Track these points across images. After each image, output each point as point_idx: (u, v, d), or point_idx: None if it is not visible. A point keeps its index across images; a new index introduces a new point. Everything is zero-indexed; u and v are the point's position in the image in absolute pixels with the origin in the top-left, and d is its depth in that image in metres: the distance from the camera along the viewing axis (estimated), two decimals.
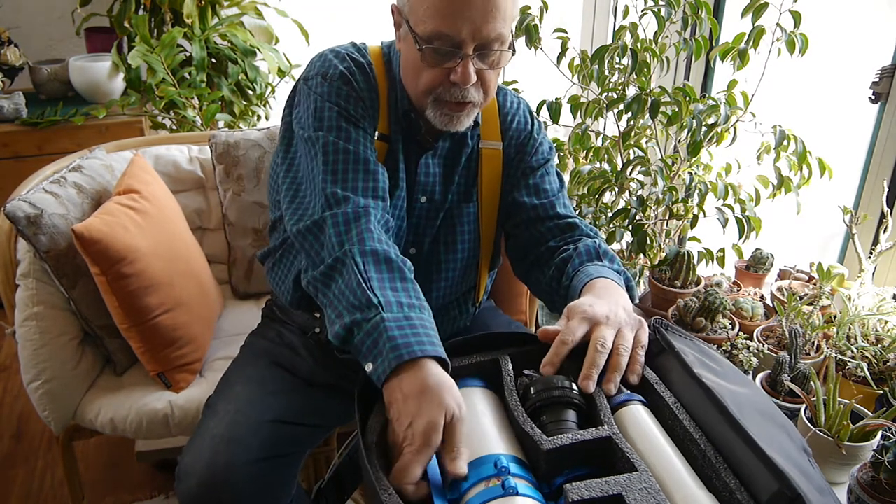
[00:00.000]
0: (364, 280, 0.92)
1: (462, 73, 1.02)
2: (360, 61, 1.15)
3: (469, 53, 1.02)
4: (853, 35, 1.94)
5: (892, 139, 1.70)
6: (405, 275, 0.96)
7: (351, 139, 1.08)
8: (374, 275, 0.93)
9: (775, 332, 1.58)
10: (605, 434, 0.80)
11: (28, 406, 1.64)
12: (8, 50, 2.49)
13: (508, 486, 0.73)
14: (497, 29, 1.01)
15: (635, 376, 0.90)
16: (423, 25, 1.01)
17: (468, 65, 1.02)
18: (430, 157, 1.19)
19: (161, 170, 1.69)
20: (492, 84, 1.08)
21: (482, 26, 0.99)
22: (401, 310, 0.89)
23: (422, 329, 0.87)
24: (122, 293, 1.35)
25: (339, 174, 1.06)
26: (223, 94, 2.43)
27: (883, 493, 1.10)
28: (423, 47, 1.02)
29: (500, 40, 1.03)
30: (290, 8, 2.66)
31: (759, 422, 0.79)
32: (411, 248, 1.23)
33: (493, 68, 1.06)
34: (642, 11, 1.75)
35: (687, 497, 0.75)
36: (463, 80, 1.03)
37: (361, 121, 1.11)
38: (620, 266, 1.12)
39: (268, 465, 1.08)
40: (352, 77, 1.12)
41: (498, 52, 1.05)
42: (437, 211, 1.22)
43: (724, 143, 1.77)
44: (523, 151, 1.26)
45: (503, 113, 1.25)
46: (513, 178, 1.25)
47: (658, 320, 0.95)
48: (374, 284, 0.91)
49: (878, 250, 1.61)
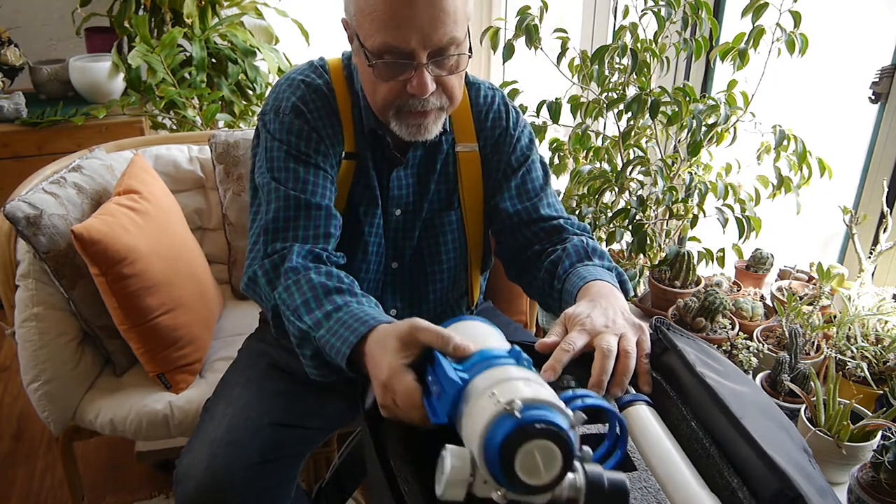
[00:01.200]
0: (295, 317, 0.95)
1: (418, 83, 0.98)
2: (315, 84, 1.11)
3: (423, 62, 0.97)
4: (853, 35, 1.94)
5: (892, 139, 1.70)
6: (327, 287, 0.97)
7: (299, 181, 1.07)
8: (299, 305, 0.96)
9: (775, 332, 1.58)
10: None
11: (28, 406, 1.64)
12: (8, 50, 2.49)
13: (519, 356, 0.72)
14: (448, 33, 0.97)
15: (647, 387, 0.88)
16: (372, 40, 0.97)
17: (423, 74, 0.98)
18: (401, 170, 1.16)
19: (161, 170, 1.69)
20: (455, 88, 1.04)
21: (431, 33, 0.95)
22: (327, 321, 0.92)
23: (347, 323, 0.89)
24: (121, 294, 1.35)
25: (279, 222, 1.06)
26: (223, 94, 2.43)
27: (883, 493, 1.10)
28: (374, 62, 0.98)
29: (454, 44, 0.99)
30: (290, 8, 2.66)
31: (761, 421, 0.79)
32: (393, 263, 1.21)
33: (452, 73, 1.02)
34: (642, 11, 1.75)
35: (689, 497, 0.74)
36: (420, 91, 0.99)
37: (314, 156, 1.09)
38: (611, 262, 1.10)
39: (267, 468, 1.07)
40: (305, 107, 1.10)
41: (454, 57, 1.00)
42: (414, 221, 1.20)
43: (724, 143, 1.77)
44: (501, 151, 1.21)
45: (476, 111, 1.21)
46: (493, 180, 1.22)
47: (659, 320, 0.95)
48: (303, 313, 0.95)
49: (878, 250, 1.61)
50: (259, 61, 2.57)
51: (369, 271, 1.19)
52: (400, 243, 1.21)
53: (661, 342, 0.93)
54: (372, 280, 1.21)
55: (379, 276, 1.21)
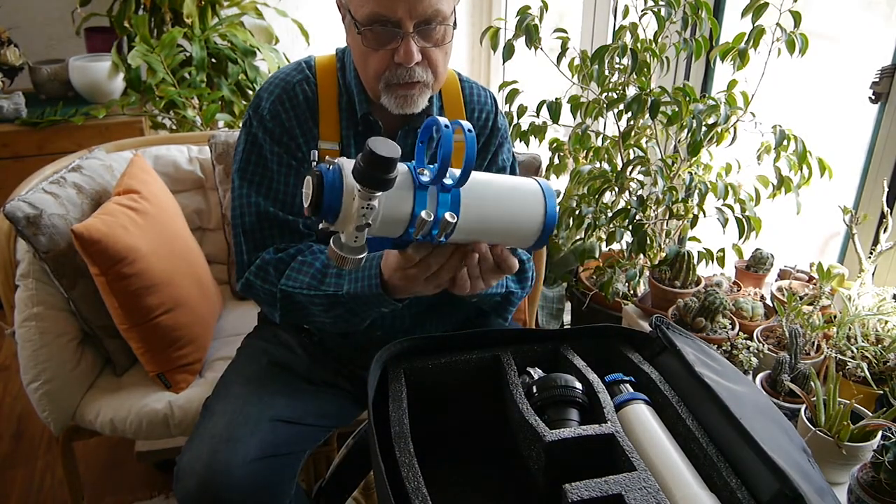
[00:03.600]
0: (314, 291, 1.07)
1: (405, 51, 1.03)
2: (293, 81, 1.16)
3: (409, 31, 1.02)
4: (853, 35, 1.94)
5: (892, 139, 1.70)
6: (311, 260, 1.10)
7: (271, 190, 1.15)
8: (309, 281, 1.08)
9: (775, 332, 1.58)
10: (607, 431, 0.80)
11: (28, 406, 1.64)
12: (8, 50, 2.49)
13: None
14: (433, 5, 1.01)
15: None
16: (361, 10, 1.02)
17: (409, 43, 1.03)
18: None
19: (161, 170, 1.69)
20: (439, 63, 1.09)
21: (417, 4, 1.00)
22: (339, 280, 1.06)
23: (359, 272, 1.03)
24: (121, 293, 1.35)
25: (256, 234, 1.16)
26: (223, 94, 2.43)
27: (883, 493, 1.10)
28: (362, 30, 1.03)
29: (439, 16, 1.03)
30: (290, 8, 2.66)
31: (760, 421, 0.79)
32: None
33: (438, 46, 1.07)
34: (642, 11, 1.75)
35: (688, 496, 0.75)
36: (406, 59, 1.03)
37: (286, 156, 1.15)
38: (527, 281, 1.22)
39: (266, 464, 1.08)
40: (281, 107, 1.14)
41: (441, 28, 1.05)
42: None
43: (724, 143, 1.77)
44: (486, 151, 1.27)
45: (469, 107, 1.25)
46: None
47: (660, 319, 0.96)
48: (318, 284, 1.07)
49: (878, 250, 1.61)
50: (259, 61, 2.57)
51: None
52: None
53: (661, 341, 0.93)
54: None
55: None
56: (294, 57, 2.61)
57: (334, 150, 1.16)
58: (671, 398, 0.86)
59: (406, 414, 0.83)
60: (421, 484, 0.73)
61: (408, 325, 1.25)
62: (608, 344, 1.00)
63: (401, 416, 0.83)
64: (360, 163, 0.75)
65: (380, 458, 0.75)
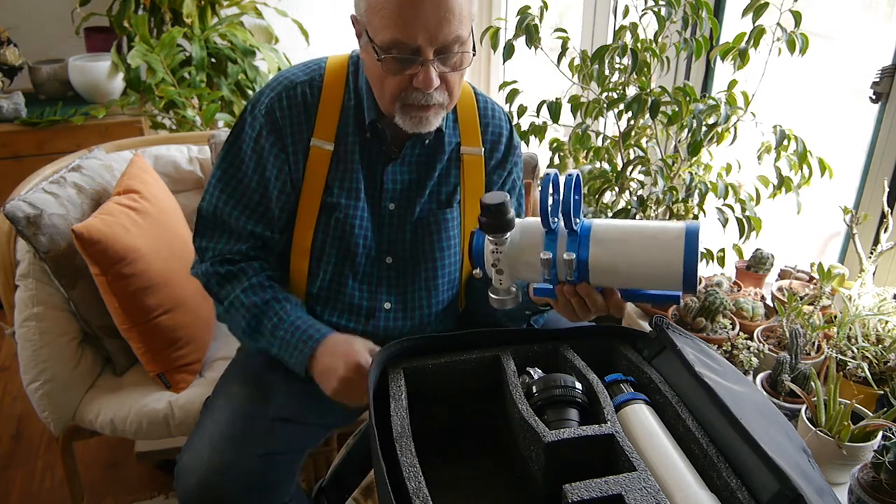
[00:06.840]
0: (247, 338, 1.19)
1: (424, 78, 1.03)
2: (297, 81, 1.16)
3: (429, 58, 1.02)
4: (853, 35, 1.93)
5: (893, 139, 1.70)
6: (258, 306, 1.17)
7: (237, 191, 1.17)
8: (244, 328, 1.18)
9: (776, 332, 1.58)
10: (607, 431, 0.80)
11: (28, 406, 1.64)
12: (7, 50, 2.49)
13: None
14: (454, 32, 1.01)
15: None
16: (381, 35, 1.01)
17: (429, 70, 1.03)
18: (397, 164, 1.19)
19: (161, 170, 1.69)
20: (455, 85, 1.09)
21: (437, 31, 1.00)
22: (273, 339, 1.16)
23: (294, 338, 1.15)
24: (122, 293, 1.35)
25: (208, 221, 1.19)
26: (223, 93, 2.43)
27: (883, 493, 1.10)
28: (382, 56, 1.03)
29: (458, 42, 1.03)
30: (290, 8, 2.66)
31: (760, 422, 0.79)
32: (387, 258, 1.23)
33: (456, 70, 1.07)
34: (642, 11, 1.74)
35: (688, 497, 0.74)
36: (425, 86, 1.03)
37: (273, 160, 1.15)
38: None
39: (267, 463, 1.08)
40: (278, 104, 1.14)
41: (459, 55, 1.05)
42: (409, 217, 1.22)
43: (725, 143, 1.76)
44: (502, 168, 1.28)
45: (483, 123, 1.26)
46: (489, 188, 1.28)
47: (660, 319, 0.95)
48: (250, 338, 1.18)
49: (879, 250, 1.61)
50: (259, 61, 2.57)
51: (359, 264, 1.20)
52: (393, 238, 1.22)
53: (661, 341, 0.93)
54: (364, 274, 1.22)
55: (372, 269, 1.22)
56: (294, 57, 2.61)
57: (327, 150, 1.16)
58: (671, 398, 0.86)
59: (407, 414, 0.83)
60: (422, 484, 0.73)
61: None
62: (608, 344, 1.00)
63: (401, 416, 0.83)
64: (479, 216, 0.89)
65: (380, 458, 0.75)
